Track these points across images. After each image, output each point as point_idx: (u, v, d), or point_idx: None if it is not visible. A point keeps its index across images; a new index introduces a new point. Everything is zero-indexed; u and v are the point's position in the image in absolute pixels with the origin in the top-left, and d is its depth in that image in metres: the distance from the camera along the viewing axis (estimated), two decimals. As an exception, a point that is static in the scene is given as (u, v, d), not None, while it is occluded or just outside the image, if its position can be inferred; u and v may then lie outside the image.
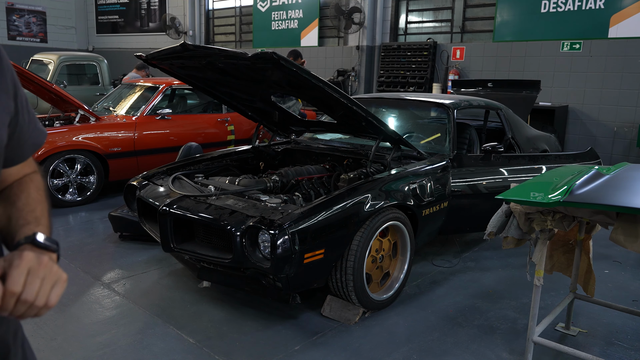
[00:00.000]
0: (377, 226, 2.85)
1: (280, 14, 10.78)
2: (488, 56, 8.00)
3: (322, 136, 4.29)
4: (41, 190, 0.93)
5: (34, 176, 0.95)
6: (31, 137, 0.93)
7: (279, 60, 2.46)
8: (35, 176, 0.96)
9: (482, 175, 3.70)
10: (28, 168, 0.96)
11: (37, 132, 0.94)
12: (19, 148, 0.91)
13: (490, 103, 4.45)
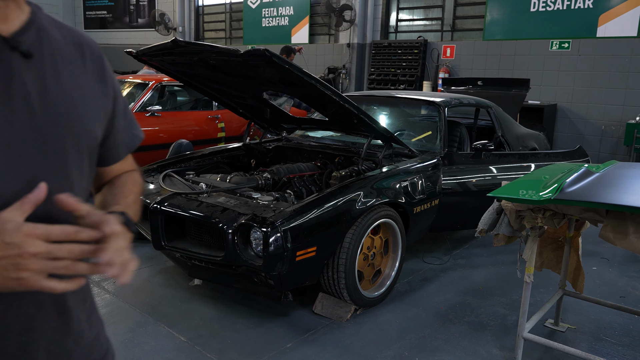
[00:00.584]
0: (368, 223, 2.85)
1: (270, 11, 10.75)
2: (478, 54, 8.05)
3: (313, 134, 4.29)
4: (137, 185, 1.02)
5: (133, 173, 1.05)
6: (125, 141, 1.02)
7: (271, 57, 2.45)
8: (134, 173, 1.06)
9: (473, 173, 3.72)
10: (127, 166, 1.06)
11: (131, 136, 1.04)
12: (114, 149, 1.00)
13: (480, 101, 4.48)
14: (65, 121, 0.82)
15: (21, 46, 0.78)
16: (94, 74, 0.91)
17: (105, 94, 0.93)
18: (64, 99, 0.83)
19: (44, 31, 0.84)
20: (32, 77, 0.79)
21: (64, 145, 0.82)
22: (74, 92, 0.85)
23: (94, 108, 0.89)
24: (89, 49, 0.93)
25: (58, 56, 0.84)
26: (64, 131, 0.82)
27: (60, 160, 0.82)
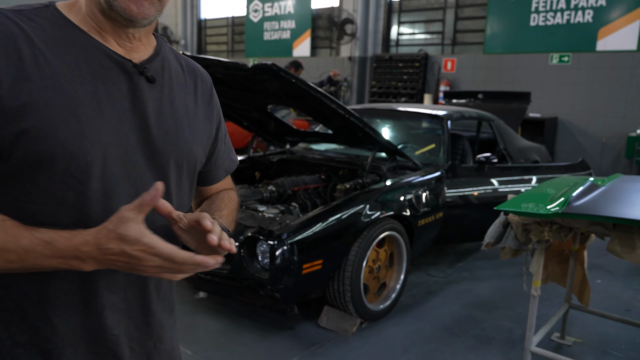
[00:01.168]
0: (374, 236, 2.86)
1: (272, 24, 10.84)
2: (478, 68, 8.11)
3: (316, 146, 4.31)
4: (232, 202, 1.10)
5: (230, 191, 1.14)
6: (224, 164, 1.12)
7: (278, 71, 2.48)
8: (231, 191, 1.15)
9: (476, 185, 3.73)
10: (226, 186, 1.15)
11: (229, 161, 1.14)
12: (214, 171, 1.10)
13: (482, 114, 4.51)
14: (172, 141, 0.92)
15: (147, 72, 0.89)
16: (203, 100, 1.03)
17: (210, 119, 1.04)
18: (174, 122, 0.93)
19: (166, 61, 0.95)
20: (152, 99, 0.90)
21: (168, 162, 0.92)
22: (184, 116, 0.96)
23: (199, 132, 0.99)
24: (201, 78, 1.04)
25: (175, 84, 0.96)
26: (169, 150, 0.92)
27: (163, 175, 0.91)
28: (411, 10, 9.02)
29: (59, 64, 0.80)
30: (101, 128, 0.82)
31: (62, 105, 0.78)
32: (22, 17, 0.80)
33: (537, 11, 7.42)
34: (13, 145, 0.76)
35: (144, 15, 0.83)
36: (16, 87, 0.75)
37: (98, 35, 0.85)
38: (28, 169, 0.78)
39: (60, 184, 0.79)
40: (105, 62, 0.84)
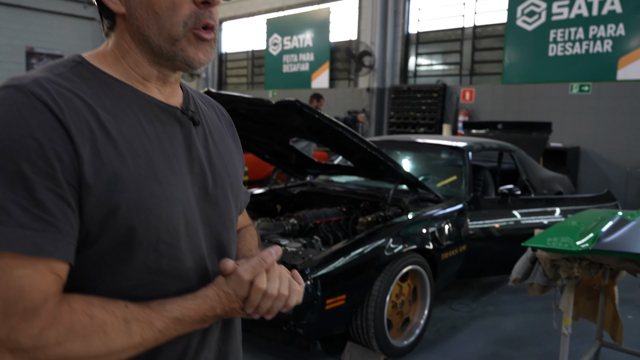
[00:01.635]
0: (397, 271, 2.83)
1: (291, 57, 11.06)
2: (497, 98, 8.11)
3: (337, 178, 4.33)
4: (255, 239, 1.10)
5: (250, 228, 1.13)
6: (244, 197, 1.09)
7: (301, 107, 2.52)
8: (251, 227, 1.13)
9: (499, 218, 3.69)
10: (245, 221, 1.13)
11: (245, 193, 1.10)
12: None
13: (503, 145, 4.49)
14: (227, 182, 0.91)
15: (194, 116, 0.87)
16: (229, 133, 1.01)
17: (239, 150, 1.03)
18: (222, 161, 0.91)
19: (195, 100, 0.93)
20: (201, 142, 0.88)
21: (230, 204, 0.91)
22: (226, 153, 0.94)
23: (238, 165, 0.99)
24: (220, 111, 1.02)
25: (209, 121, 0.94)
26: (228, 191, 0.91)
27: (229, 218, 0.91)
28: (428, 42, 9.13)
29: (125, 128, 0.76)
30: (177, 186, 0.80)
31: (143, 173, 0.75)
32: (68, 81, 0.74)
33: (555, 41, 7.44)
34: (102, 224, 0.71)
35: (209, 61, 0.82)
36: (96, 163, 0.70)
37: (141, 85, 0.82)
38: (119, 246, 0.73)
39: (153, 254, 0.76)
40: (159, 114, 0.82)
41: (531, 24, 7.64)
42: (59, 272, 0.68)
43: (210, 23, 0.79)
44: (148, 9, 0.76)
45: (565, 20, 7.33)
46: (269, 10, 11.31)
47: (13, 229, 0.64)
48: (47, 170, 0.66)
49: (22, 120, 0.66)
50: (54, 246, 0.66)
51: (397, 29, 9.29)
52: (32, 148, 0.66)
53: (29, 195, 0.65)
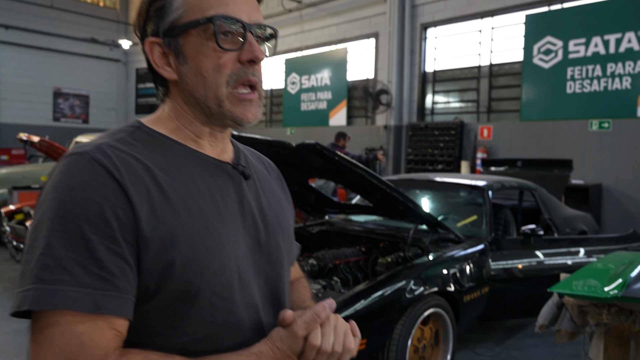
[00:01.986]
0: (418, 314, 2.78)
1: (309, 96, 11.26)
2: (516, 135, 8.09)
3: (356, 217, 4.32)
4: (307, 290, 1.11)
5: (302, 279, 1.14)
6: (294, 249, 1.09)
7: (322, 150, 2.56)
8: (303, 279, 1.14)
9: (522, 258, 3.62)
10: (296, 273, 1.13)
11: (295, 246, 1.11)
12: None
13: (523, 184, 4.44)
14: (279, 232, 0.93)
15: (246, 170, 0.91)
16: (278, 185, 1.04)
17: (289, 201, 1.05)
18: (273, 213, 0.93)
19: (245, 155, 0.97)
20: (252, 196, 0.91)
21: (282, 254, 0.93)
22: (276, 205, 0.97)
23: (289, 216, 1.01)
24: (269, 164, 1.06)
25: (259, 174, 0.97)
26: (279, 242, 0.93)
27: (282, 268, 0.93)
28: (445, 80, 9.22)
29: (179, 185, 0.79)
30: (229, 239, 0.82)
31: (197, 227, 0.78)
32: (128, 145, 0.79)
33: (572, 79, 7.45)
34: (160, 279, 0.74)
35: (256, 119, 0.86)
36: (152, 220, 0.74)
37: (194, 143, 0.86)
38: (176, 301, 0.75)
39: (208, 308, 0.78)
40: (211, 170, 0.85)
41: (548, 62, 7.69)
42: (118, 327, 0.72)
43: (252, 80, 0.83)
44: (197, 73, 0.82)
45: (582, 58, 7.36)
46: (288, 50, 11.61)
47: (75, 288, 0.68)
48: (106, 230, 0.71)
49: (83, 185, 0.72)
50: (113, 303, 0.70)
51: (414, 67, 9.42)
52: (92, 210, 0.71)
53: (90, 255, 0.70)
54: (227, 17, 0.81)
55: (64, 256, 0.69)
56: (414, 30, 9.33)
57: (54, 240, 0.69)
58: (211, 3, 0.81)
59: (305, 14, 11.05)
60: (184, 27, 0.81)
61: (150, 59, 0.85)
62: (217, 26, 0.80)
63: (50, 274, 0.68)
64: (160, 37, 0.84)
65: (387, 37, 9.50)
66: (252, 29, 0.83)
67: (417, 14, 9.28)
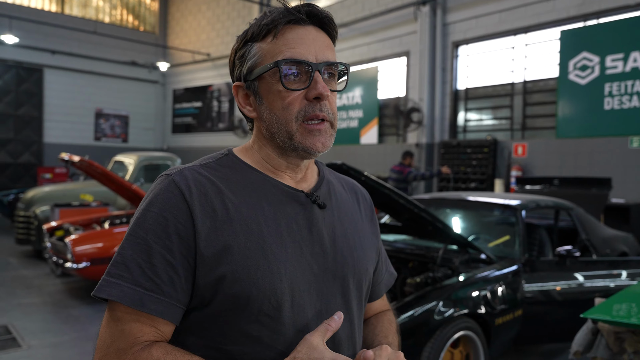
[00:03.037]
0: (448, 336, 2.72)
1: (340, 114, 11.33)
2: (552, 152, 7.90)
3: (385, 237, 4.29)
4: (393, 325, 1.12)
5: (388, 313, 1.16)
6: (385, 279, 1.14)
7: (348, 170, 2.57)
8: (389, 313, 1.16)
9: (558, 280, 3.50)
10: (384, 306, 1.17)
11: (389, 274, 1.16)
12: (377, 286, 1.12)
13: (559, 203, 4.32)
14: (349, 264, 0.96)
15: (318, 200, 0.96)
16: (366, 216, 1.08)
17: (375, 234, 1.09)
18: (347, 244, 0.97)
19: (330, 184, 1.03)
20: (326, 224, 0.96)
21: (348, 285, 0.96)
22: (355, 236, 1.00)
23: (369, 249, 1.04)
24: (362, 195, 1.11)
25: (342, 204, 1.02)
26: (348, 272, 0.95)
27: (345, 298, 0.95)
28: (477, 98, 9.13)
29: (245, 208, 0.88)
30: (286, 263, 0.87)
31: (252, 248, 0.85)
32: (209, 170, 0.91)
33: (610, 95, 7.25)
34: (213, 290, 0.83)
35: (327, 148, 0.91)
36: (212, 237, 0.84)
37: (272, 173, 0.94)
38: (226, 311, 0.84)
39: (255, 323, 0.84)
40: (282, 198, 0.92)
41: (584, 77, 7.51)
42: (158, 326, 0.83)
43: (319, 115, 0.89)
44: (270, 112, 0.91)
45: (620, 74, 7.16)
46: (319, 70, 11.75)
47: (129, 285, 0.82)
48: (166, 242, 0.84)
49: (159, 201, 0.86)
50: (155, 305, 0.82)
51: (445, 85, 9.37)
52: (159, 223, 0.84)
53: (148, 260, 0.83)
54: (292, 60, 0.88)
55: (129, 257, 0.84)
56: (445, 48, 9.30)
57: (127, 243, 0.85)
58: (281, 48, 0.89)
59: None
60: (258, 71, 0.91)
61: (235, 100, 0.97)
62: (282, 69, 0.88)
63: (116, 269, 0.83)
64: (242, 80, 0.94)
65: (418, 55, 9.50)
66: (320, 68, 0.89)
67: (448, 32, 9.26)
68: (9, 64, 13.42)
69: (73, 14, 14.78)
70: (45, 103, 14.05)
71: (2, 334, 4.13)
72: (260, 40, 0.91)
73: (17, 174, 13.74)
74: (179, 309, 0.84)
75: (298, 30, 0.90)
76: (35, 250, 7.48)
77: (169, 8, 16.68)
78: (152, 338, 0.82)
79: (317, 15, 0.92)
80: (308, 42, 0.90)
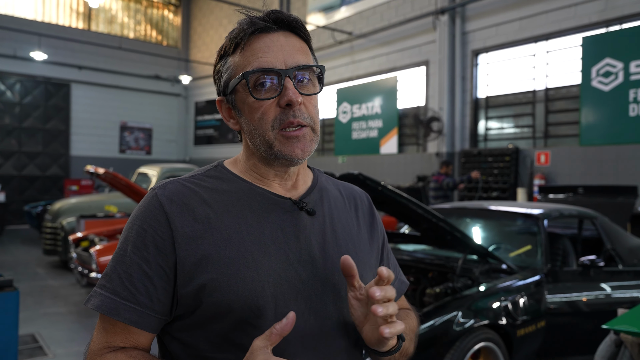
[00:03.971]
0: (468, 347, 2.69)
1: (360, 124, 11.35)
2: (575, 160, 7.76)
3: (404, 247, 4.26)
4: (412, 319, 1.09)
5: (408, 311, 1.12)
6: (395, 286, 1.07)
7: (364, 180, 2.58)
8: (409, 311, 1.13)
9: (582, 291, 3.43)
10: (403, 306, 1.13)
11: (399, 282, 1.11)
12: None
13: (583, 212, 4.24)
14: (338, 271, 0.93)
15: (306, 206, 0.94)
16: (364, 222, 1.05)
17: (375, 239, 1.06)
18: (339, 251, 0.95)
19: (324, 190, 1.01)
20: (315, 232, 0.94)
21: (339, 292, 0.93)
22: (349, 242, 0.98)
23: (365, 255, 1.01)
24: (360, 200, 1.08)
25: (335, 211, 1.00)
26: (339, 280, 0.93)
27: (337, 306, 0.92)
28: (498, 106, 9.04)
29: (227, 217, 0.89)
30: (269, 270, 0.87)
31: (233, 256, 0.86)
32: (195, 181, 0.92)
33: (635, 101, 7.10)
34: (196, 299, 0.84)
35: (307, 154, 0.90)
36: (192, 246, 0.85)
37: (260, 182, 0.94)
38: (209, 320, 0.85)
39: (237, 331, 0.84)
40: (267, 206, 0.92)
41: (608, 84, 7.38)
42: (131, 333, 0.87)
43: (293, 121, 0.88)
44: (249, 124, 0.92)
45: (645, 80, 7.02)
46: (339, 80, 11.82)
47: (108, 295, 0.86)
48: (143, 253, 0.86)
49: (140, 215, 0.89)
50: (129, 314, 0.85)
51: (465, 94, 9.32)
52: (139, 235, 0.87)
53: (126, 270, 0.86)
54: (259, 70, 0.87)
55: (112, 268, 0.88)
56: (464, 57, 9.27)
57: (113, 256, 0.89)
58: (249, 59, 0.89)
59: (355, 45, 11.25)
60: (231, 84, 0.92)
61: (220, 114, 0.98)
62: (249, 80, 0.88)
63: (102, 280, 0.88)
64: (222, 95, 0.95)
65: (437, 64, 9.48)
66: (289, 73, 0.88)
67: (467, 40, 9.22)
68: (38, 79, 13.87)
69: (99, 30, 15.23)
70: (72, 117, 14.46)
71: (29, 342, 4.24)
72: (231, 54, 0.92)
73: (45, 186, 14.12)
74: (155, 318, 0.86)
75: (264, 39, 0.89)
76: (61, 261, 7.65)
77: (191, 22, 17.03)
78: (121, 344, 0.86)
79: (284, 21, 0.91)
80: (275, 49, 0.89)
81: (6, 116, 13.53)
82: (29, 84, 13.79)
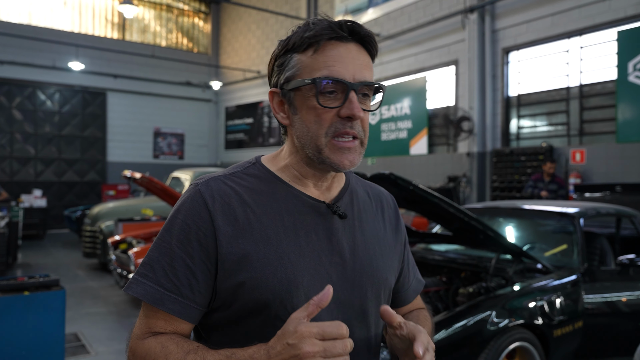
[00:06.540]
0: (502, 347, 2.67)
1: (389, 125, 11.32)
2: (612, 158, 7.54)
3: (436, 247, 4.25)
4: (428, 322, 1.12)
5: (422, 310, 1.16)
6: (412, 285, 1.15)
7: (395, 180, 2.60)
8: (423, 311, 1.17)
9: (621, 291, 3.35)
10: (418, 305, 1.18)
11: (416, 281, 1.16)
12: (404, 292, 1.13)
13: (621, 210, 4.13)
14: (367, 273, 0.98)
15: (339, 210, 0.98)
16: (390, 224, 1.09)
17: (399, 241, 1.10)
18: (367, 253, 0.99)
19: (354, 193, 1.04)
20: (346, 235, 0.98)
21: (366, 294, 0.97)
22: (375, 245, 1.02)
23: (390, 258, 1.05)
24: (387, 202, 1.12)
25: (363, 213, 1.03)
26: (366, 281, 0.97)
27: (362, 307, 0.97)
28: (530, 104, 8.87)
29: (266, 218, 0.92)
30: (303, 272, 0.91)
31: (271, 256, 0.90)
32: (235, 179, 0.95)
33: (676, 96, 6.86)
34: (234, 295, 0.89)
35: (354, 165, 0.93)
36: (232, 245, 0.89)
37: (298, 181, 0.97)
38: (245, 315, 0.90)
39: (271, 327, 0.87)
40: (303, 209, 0.95)
41: (646, 79, 7.15)
42: (173, 322, 0.91)
43: (349, 132, 0.92)
44: (303, 123, 0.94)
45: (686, 73, 6.77)
46: (367, 82, 11.81)
47: (151, 284, 0.90)
48: (187, 248, 0.90)
49: (184, 210, 0.92)
50: (172, 304, 0.89)
51: (496, 92, 9.18)
52: (182, 230, 0.91)
53: (170, 263, 0.90)
54: (329, 78, 0.90)
55: (155, 259, 0.92)
56: (495, 55, 9.14)
57: (155, 246, 0.93)
58: (320, 65, 0.91)
59: (383, 46, 11.24)
60: (295, 83, 0.93)
61: (270, 104, 0.99)
62: (318, 87, 0.90)
63: (143, 269, 0.92)
64: (279, 88, 0.97)
65: (467, 63, 9.38)
66: (356, 88, 0.91)
67: (497, 38, 9.09)
68: (76, 89, 14.38)
69: (133, 39, 15.68)
70: (108, 124, 14.92)
71: (72, 341, 4.41)
72: (300, 52, 0.92)
73: (83, 192, 14.61)
74: (196, 309, 0.90)
75: (339, 48, 0.91)
76: (100, 263, 7.92)
77: (220, 29, 17.33)
78: (162, 330, 0.91)
79: (359, 33, 0.93)
80: (347, 60, 0.91)
81: (46, 125, 14.07)
82: (67, 93, 14.32)
